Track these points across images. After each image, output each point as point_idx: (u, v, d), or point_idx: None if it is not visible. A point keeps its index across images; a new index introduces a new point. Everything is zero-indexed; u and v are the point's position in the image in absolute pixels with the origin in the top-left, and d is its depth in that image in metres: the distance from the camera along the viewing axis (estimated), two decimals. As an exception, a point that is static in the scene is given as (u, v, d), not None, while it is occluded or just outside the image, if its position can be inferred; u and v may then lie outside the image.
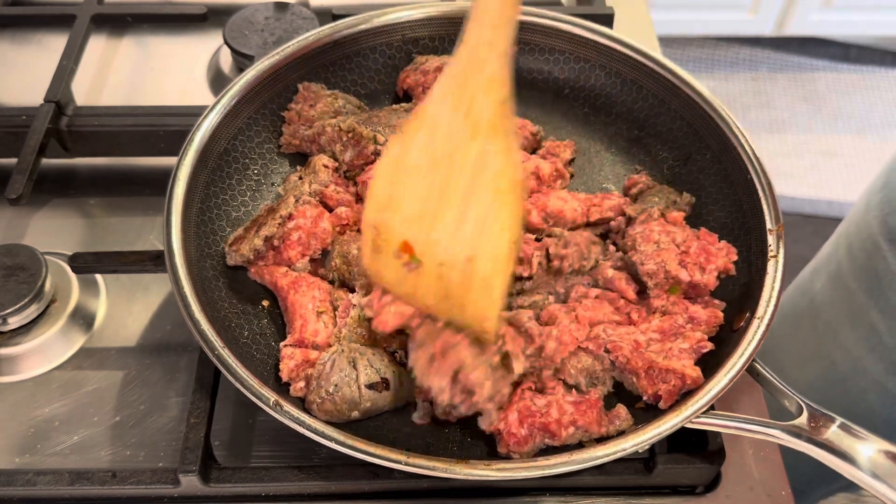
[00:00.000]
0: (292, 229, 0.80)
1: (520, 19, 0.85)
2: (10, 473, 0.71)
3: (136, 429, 0.79)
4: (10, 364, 0.83)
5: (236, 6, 1.12)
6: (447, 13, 0.95)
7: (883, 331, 1.07)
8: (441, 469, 0.64)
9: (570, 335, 0.73)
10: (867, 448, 0.65)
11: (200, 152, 0.82)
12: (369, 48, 0.95)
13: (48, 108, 0.95)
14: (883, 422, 1.12)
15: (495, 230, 0.61)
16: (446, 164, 0.61)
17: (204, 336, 0.70)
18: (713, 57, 2.94)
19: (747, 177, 0.82)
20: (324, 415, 0.70)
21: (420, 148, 0.62)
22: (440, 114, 0.61)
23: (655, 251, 0.77)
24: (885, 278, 1.05)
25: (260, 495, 0.74)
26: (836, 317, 1.14)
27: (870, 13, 2.73)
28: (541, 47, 0.96)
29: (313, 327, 0.76)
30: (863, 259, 1.09)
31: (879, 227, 1.05)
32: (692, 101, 0.88)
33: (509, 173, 0.59)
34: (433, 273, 0.64)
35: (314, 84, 0.93)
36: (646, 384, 0.72)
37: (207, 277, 0.78)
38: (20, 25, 1.17)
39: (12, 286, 0.83)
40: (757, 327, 0.71)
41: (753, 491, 0.76)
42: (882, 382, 1.10)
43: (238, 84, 0.87)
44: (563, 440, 0.69)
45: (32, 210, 0.97)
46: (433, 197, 0.62)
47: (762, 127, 2.76)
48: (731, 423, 0.69)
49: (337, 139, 0.86)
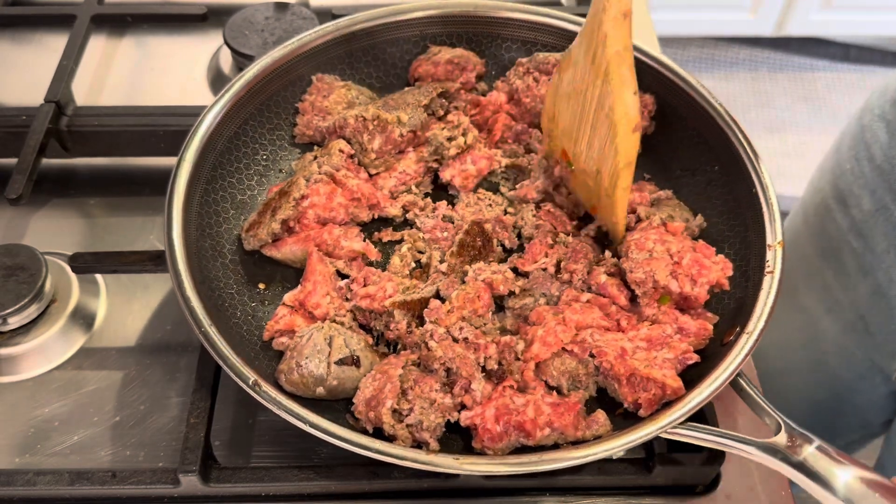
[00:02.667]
0: (307, 207, 0.83)
1: (530, 19, 0.96)
2: (10, 473, 0.71)
3: (136, 429, 0.79)
4: (10, 364, 0.83)
5: (236, 6, 1.12)
6: (465, 11, 0.96)
7: (837, 291, 1.10)
8: (409, 459, 0.64)
9: (554, 336, 0.73)
10: (845, 473, 0.62)
11: (210, 134, 0.83)
12: (386, 42, 0.96)
13: (48, 108, 0.96)
14: (841, 382, 1.15)
15: (611, 154, 0.77)
16: (583, 95, 0.78)
17: (193, 313, 0.70)
18: (713, 57, 2.94)
19: (752, 191, 0.82)
20: (290, 386, 0.71)
21: (568, 80, 0.80)
22: (578, 56, 0.78)
23: (647, 259, 0.77)
24: (836, 238, 1.08)
25: (260, 495, 0.74)
26: (796, 280, 1.17)
27: (870, 13, 2.73)
28: (550, 47, 0.97)
29: (317, 299, 0.78)
30: (816, 223, 1.13)
31: (831, 191, 1.09)
32: (706, 113, 0.88)
33: (619, 111, 0.74)
34: (580, 178, 0.84)
35: (328, 76, 0.94)
36: (627, 391, 0.72)
37: (206, 256, 0.79)
38: (20, 25, 1.17)
39: (12, 286, 0.83)
40: (745, 343, 0.71)
41: (753, 491, 0.76)
42: (839, 342, 1.12)
43: (251, 71, 0.88)
44: (538, 440, 0.69)
45: (32, 210, 0.97)
46: (577, 118, 0.80)
47: (762, 127, 2.76)
48: (708, 436, 0.67)
49: (363, 129, 0.87)
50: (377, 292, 0.77)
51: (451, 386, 0.72)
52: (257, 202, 0.87)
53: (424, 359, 0.73)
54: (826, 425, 1.23)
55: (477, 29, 0.97)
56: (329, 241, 0.82)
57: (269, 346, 0.76)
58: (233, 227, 0.85)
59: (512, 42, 0.98)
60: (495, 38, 0.98)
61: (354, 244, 0.83)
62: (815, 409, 1.22)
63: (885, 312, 1.02)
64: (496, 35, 0.98)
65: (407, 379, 0.71)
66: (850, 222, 1.06)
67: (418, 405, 0.69)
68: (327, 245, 0.82)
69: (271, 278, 0.83)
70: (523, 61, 0.94)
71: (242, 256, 0.83)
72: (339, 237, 0.83)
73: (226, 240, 0.83)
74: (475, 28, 0.97)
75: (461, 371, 0.71)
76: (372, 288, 0.78)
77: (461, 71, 0.95)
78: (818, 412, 1.22)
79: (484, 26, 0.97)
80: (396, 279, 0.80)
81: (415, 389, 0.70)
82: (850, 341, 1.11)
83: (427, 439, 0.68)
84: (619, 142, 0.75)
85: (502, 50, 0.98)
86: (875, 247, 1.02)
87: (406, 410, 0.69)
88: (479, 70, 0.96)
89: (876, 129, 1.02)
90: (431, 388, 0.71)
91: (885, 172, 0.99)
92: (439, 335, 0.73)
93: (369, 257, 0.84)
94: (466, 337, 0.73)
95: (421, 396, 0.70)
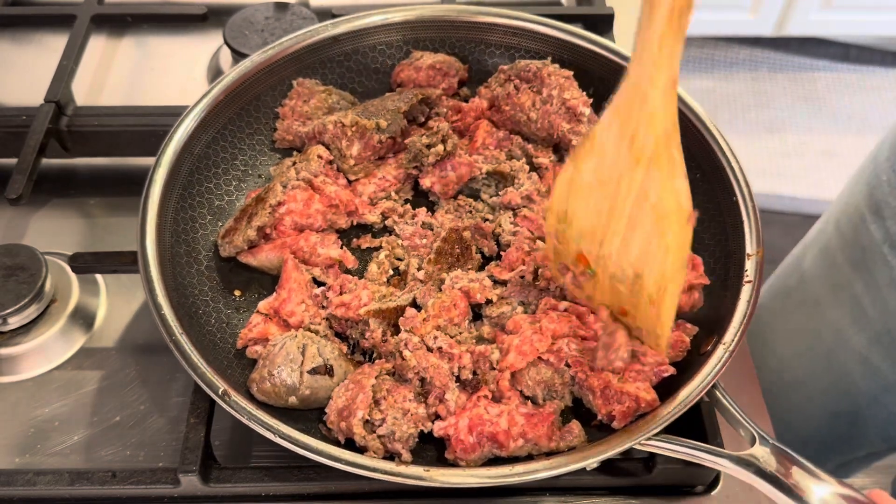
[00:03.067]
0: (284, 214, 0.82)
1: (513, 24, 0.93)
2: (10, 473, 0.72)
3: (136, 429, 0.79)
4: (10, 364, 0.83)
5: (236, 6, 1.12)
6: (448, 16, 0.95)
7: (866, 303, 1.08)
8: (379, 470, 0.65)
9: (530, 345, 0.73)
10: (821, 489, 0.61)
11: (187, 138, 0.83)
12: (368, 46, 0.96)
13: (48, 108, 0.96)
14: (863, 394, 1.13)
15: (659, 254, 0.65)
16: (613, 187, 0.66)
17: (164, 320, 0.70)
18: (713, 57, 2.94)
19: (733, 199, 0.82)
20: (262, 395, 0.71)
21: (591, 170, 0.67)
22: (607, 141, 0.65)
23: None
24: (869, 251, 1.06)
25: (260, 495, 0.74)
26: (823, 290, 1.15)
27: (870, 13, 2.72)
28: (534, 52, 0.97)
29: (292, 307, 0.77)
30: (849, 233, 1.10)
31: (865, 201, 1.07)
32: (686, 119, 0.87)
33: (669, 202, 0.62)
34: (606, 283, 0.71)
35: (308, 80, 0.94)
36: (601, 403, 0.72)
37: (180, 263, 0.79)
38: (20, 25, 1.18)
39: (12, 286, 0.83)
40: (721, 354, 0.71)
41: (753, 491, 0.76)
42: (864, 354, 1.11)
43: (230, 76, 0.88)
44: (511, 451, 0.69)
45: (32, 210, 0.97)
46: (603, 215, 0.68)
47: (762, 127, 2.76)
48: (682, 448, 0.67)
49: (341, 135, 0.87)
50: (352, 301, 0.77)
51: (425, 396, 0.72)
52: (235, 208, 0.87)
53: (399, 368, 0.72)
54: (845, 438, 1.22)
55: (460, 34, 0.97)
56: (305, 248, 0.82)
57: (243, 354, 0.76)
58: (209, 234, 0.84)
59: (495, 48, 0.98)
60: (479, 43, 0.98)
61: (331, 251, 0.82)
62: (835, 422, 1.20)
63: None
64: (479, 40, 0.97)
65: (380, 389, 0.70)
66: (884, 234, 1.04)
67: (391, 415, 0.69)
68: (303, 252, 0.82)
69: (247, 285, 0.83)
70: (504, 68, 0.93)
71: (218, 263, 0.83)
72: (315, 244, 0.82)
73: (202, 246, 0.83)
74: (457, 33, 0.97)
75: (435, 381, 0.71)
76: (347, 297, 0.77)
77: (443, 76, 0.94)
78: (838, 425, 1.20)
79: (467, 31, 0.97)
80: (373, 287, 0.79)
81: (388, 399, 0.70)
82: (876, 354, 1.09)
83: (399, 450, 0.68)
84: (670, 239, 0.64)
85: (485, 55, 0.98)
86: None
87: (378, 421, 0.68)
88: (461, 75, 0.96)
89: None
90: (405, 397, 0.70)
91: None
92: (413, 344, 0.72)
93: (346, 265, 0.83)
94: (441, 346, 0.73)
95: (394, 406, 0.69)
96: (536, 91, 0.91)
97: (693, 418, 0.73)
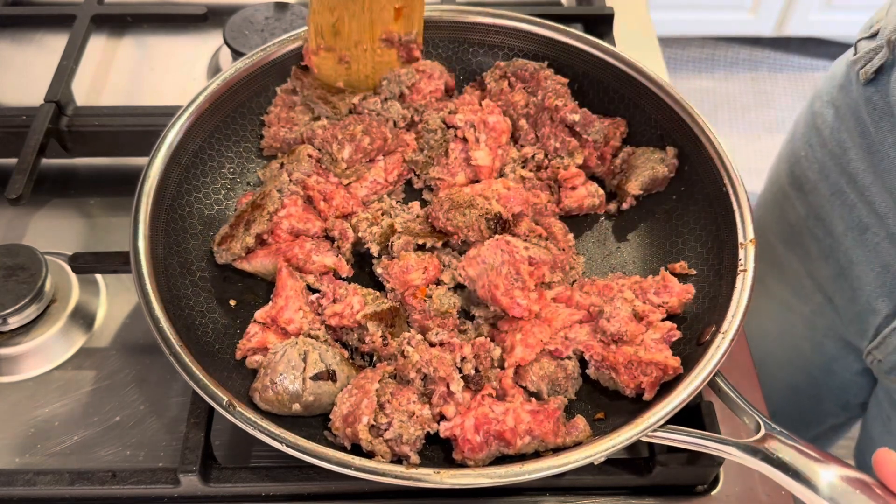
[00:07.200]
0: (283, 217, 0.82)
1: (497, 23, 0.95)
2: (10, 473, 0.72)
3: (136, 429, 0.79)
4: (10, 364, 0.83)
5: (236, 6, 1.12)
6: (431, 16, 0.94)
7: (803, 276, 1.11)
8: (389, 474, 0.64)
9: (534, 336, 0.73)
10: (827, 472, 0.62)
11: (174, 150, 0.82)
12: None
13: (48, 108, 0.96)
14: (816, 366, 1.16)
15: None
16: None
17: (162, 333, 0.70)
18: (713, 57, 2.94)
19: (722, 189, 0.82)
20: (265, 404, 0.70)
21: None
22: None
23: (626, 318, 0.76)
24: (796, 225, 1.10)
25: (260, 495, 0.74)
26: (763, 272, 1.17)
27: (870, 13, 2.72)
28: (518, 51, 0.96)
29: (290, 315, 0.76)
30: (777, 212, 1.15)
31: (788, 179, 1.11)
32: (671, 111, 0.87)
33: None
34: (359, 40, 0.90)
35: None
36: (627, 379, 0.72)
37: (174, 275, 0.78)
38: (20, 25, 1.17)
39: (12, 286, 0.83)
40: (720, 342, 0.71)
41: (753, 491, 0.76)
42: (811, 327, 1.14)
43: (214, 84, 0.87)
44: (518, 449, 0.69)
45: (32, 210, 0.97)
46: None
47: (762, 127, 2.76)
48: (687, 437, 0.67)
49: (331, 139, 0.87)
50: (344, 310, 0.76)
51: (428, 396, 0.71)
52: (226, 216, 0.86)
53: (400, 369, 0.72)
54: (808, 412, 1.24)
55: (443, 34, 0.96)
56: (300, 255, 0.81)
57: (243, 364, 0.76)
58: (201, 244, 0.83)
59: (479, 47, 0.97)
60: (462, 42, 0.97)
61: (326, 259, 0.81)
62: (796, 397, 1.23)
63: (850, 293, 1.03)
64: (463, 40, 0.97)
65: (384, 392, 0.70)
66: (808, 208, 1.07)
67: (396, 418, 0.68)
68: (298, 259, 0.81)
69: (242, 294, 0.82)
70: (501, 64, 0.93)
71: (212, 273, 0.82)
72: (310, 251, 0.81)
73: (194, 256, 0.82)
74: (440, 34, 0.96)
75: (438, 372, 0.70)
76: (339, 306, 0.76)
77: (427, 79, 0.94)
78: (799, 400, 1.23)
79: (450, 31, 0.96)
80: (363, 291, 0.78)
81: (392, 402, 0.69)
82: (820, 324, 1.12)
83: (407, 453, 0.67)
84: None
85: (469, 55, 0.98)
86: (834, 230, 1.03)
87: (384, 425, 0.68)
88: (446, 79, 0.94)
89: (826, 114, 1.03)
90: (409, 399, 0.70)
91: (837, 156, 1.00)
92: (416, 341, 0.73)
93: (340, 273, 0.82)
94: (442, 340, 0.73)
95: (399, 409, 0.69)
96: (531, 92, 0.91)
97: (692, 411, 0.73)
